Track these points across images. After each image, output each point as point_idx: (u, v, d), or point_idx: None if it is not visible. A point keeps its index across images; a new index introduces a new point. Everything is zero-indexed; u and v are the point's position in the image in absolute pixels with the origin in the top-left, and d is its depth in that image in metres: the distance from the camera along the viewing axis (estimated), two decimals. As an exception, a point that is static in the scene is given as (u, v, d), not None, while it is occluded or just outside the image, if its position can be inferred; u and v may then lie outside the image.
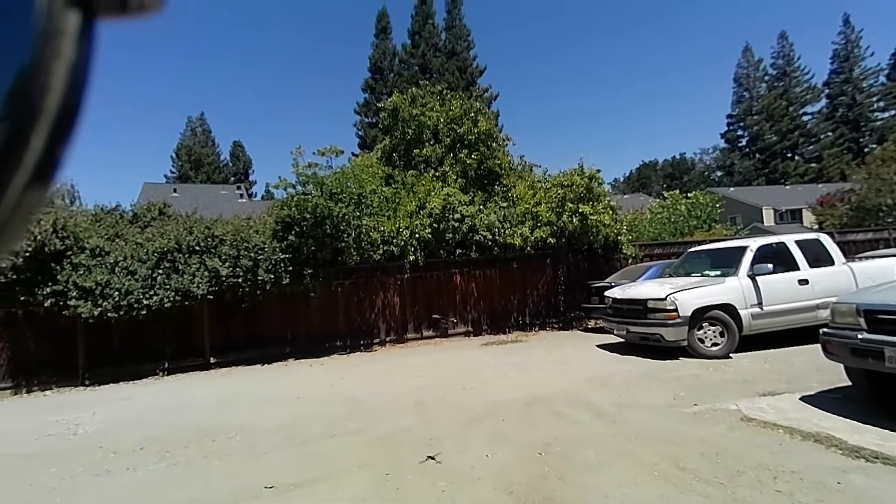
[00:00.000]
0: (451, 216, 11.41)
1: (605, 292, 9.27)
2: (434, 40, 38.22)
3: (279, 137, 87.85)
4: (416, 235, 11.27)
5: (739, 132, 61.41)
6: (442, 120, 13.20)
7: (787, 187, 47.29)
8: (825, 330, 4.91)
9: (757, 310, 7.43)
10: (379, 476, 3.78)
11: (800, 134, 55.57)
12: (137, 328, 9.20)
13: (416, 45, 38.21)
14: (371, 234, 10.69)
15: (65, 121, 0.34)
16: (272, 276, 9.70)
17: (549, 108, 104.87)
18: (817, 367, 5.80)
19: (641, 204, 28.51)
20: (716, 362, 6.96)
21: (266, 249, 9.74)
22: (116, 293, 8.73)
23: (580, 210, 11.50)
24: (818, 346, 5.04)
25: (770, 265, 7.48)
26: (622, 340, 8.65)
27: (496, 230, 11.77)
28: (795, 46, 57.85)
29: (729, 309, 7.35)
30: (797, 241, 8.01)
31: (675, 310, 7.24)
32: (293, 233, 9.95)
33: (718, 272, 8.04)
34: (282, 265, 9.82)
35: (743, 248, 7.95)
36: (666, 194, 21.86)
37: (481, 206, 12.10)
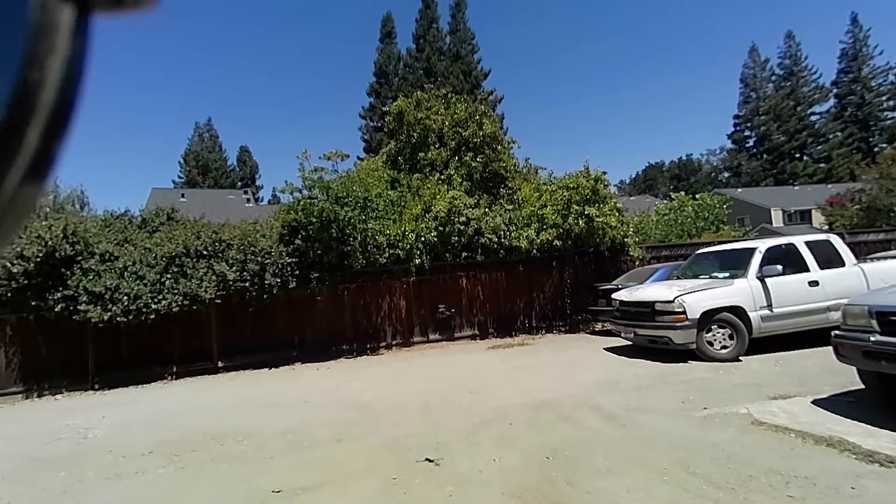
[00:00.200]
0: (456, 219, 11.41)
1: (613, 295, 9.22)
2: (439, 44, 38.36)
3: (285, 142, 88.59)
4: (422, 239, 11.28)
5: (747, 133, 60.94)
6: (447, 123, 13.23)
7: (796, 188, 46.81)
8: (837, 332, 4.85)
9: (766, 312, 7.34)
10: (386, 480, 3.78)
11: (808, 134, 55.04)
12: (146, 332, 9.27)
13: (421, 48, 38.36)
14: (377, 237, 10.72)
15: (60, 116, 0.34)
16: (279, 280, 9.74)
17: (554, 109, 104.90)
18: (829, 370, 5.73)
19: (648, 205, 28.35)
20: (725, 365, 6.89)
21: (273, 254, 9.79)
22: (125, 298, 8.81)
23: (586, 212, 11.45)
24: (830, 348, 4.98)
25: (779, 267, 7.40)
26: (630, 343, 8.58)
27: (502, 233, 11.75)
28: (802, 46, 57.46)
29: (738, 311, 7.27)
30: (807, 242, 7.92)
31: (684, 312, 7.18)
32: (299, 237, 9.99)
33: (727, 274, 7.97)
34: (288, 269, 9.87)
35: (752, 250, 7.88)
36: (673, 196, 21.70)
37: (487, 209, 12.10)
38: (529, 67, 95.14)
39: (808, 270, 7.61)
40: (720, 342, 7.27)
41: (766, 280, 7.41)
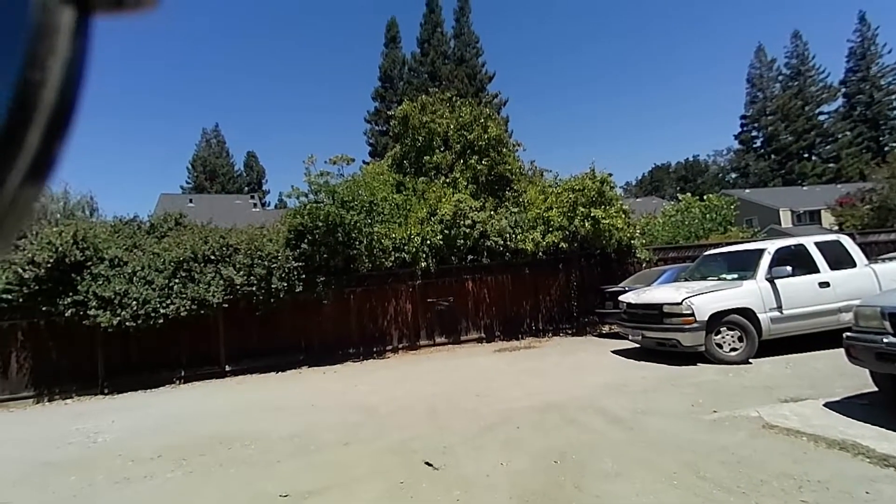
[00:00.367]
0: (462, 222, 11.41)
1: (620, 297, 9.17)
2: (443, 48, 38.47)
3: (291, 147, 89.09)
4: (428, 242, 11.29)
5: (754, 133, 60.45)
6: (452, 126, 13.26)
7: (805, 188, 46.32)
8: (849, 334, 4.78)
9: (776, 314, 7.26)
10: (393, 484, 3.77)
11: (816, 134, 54.49)
12: (155, 337, 9.34)
13: (426, 53, 38.50)
14: (382, 241, 10.74)
15: (61, 117, 0.34)
16: (285, 284, 9.78)
17: (559, 111, 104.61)
18: (841, 372, 5.64)
19: (654, 207, 28.18)
20: (735, 368, 6.81)
21: (279, 258, 9.84)
22: (134, 302, 8.88)
23: (592, 214, 11.41)
24: (841, 350, 4.92)
25: (789, 268, 7.32)
26: (638, 346, 8.52)
27: (507, 236, 11.73)
28: (810, 46, 56.94)
29: (747, 313, 7.20)
30: (817, 243, 7.83)
31: (692, 314, 7.11)
32: (306, 241, 10.04)
33: (735, 275, 7.90)
34: (295, 273, 9.91)
35: (760, 251, 7.80)
36: (680, 197, 21.57)
37: (492, 212, 12.09)
38: (534, 70, 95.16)
39: (818, 271, 7.52)
40: (729, 344, 7.19)
41: (776, 281, 7.33)
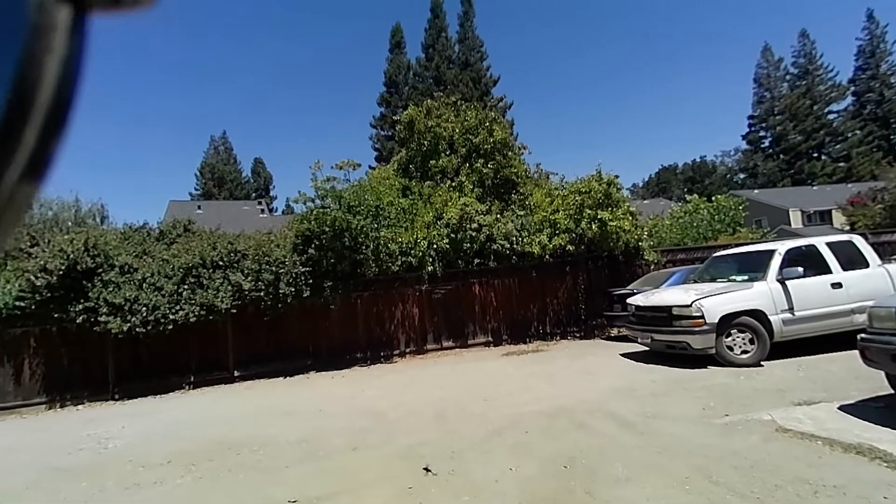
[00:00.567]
0: (468, 226, 11.41)
1: (628, 299, 9.09)
2: (448, 53, 38.64)
3: (298, 153, 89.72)
4: (434, 246, 11.29)
5: (762, 133, 59.91)
6: (457, 130, 13.29)
7: (815, 188, 45.78)
8: (863, 335, 4.70)
9: (788, 315, 7.16)
10: (402, 489, 3.75)
11: (826, 133, 53.87)
12: (164, 343, 9.42)
13: (430, 58, 38.67)
14: (389, 245, 10.76)
15: (57, 115, 0.34)
16: (293, 290, 9.82)
17: (565, 114, 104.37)
18: (856, 375, 5.55)
19: (662, 209, 27.99)
20: (746, 370, 6.73)
21: (287, 263, 9.89)
22: (144, 309, 8.97)
23: (599, 216, 11.35)
24: (855, 352, 4.84)
25: (800, 269, 7.23)
26: (647, 349, 8.44)
27: (514, 239, 11.71)
28: (817, 44, 56.44)
29: (758, 315, 7.11)
30: (828, 244, 7.72)
31: (702, 316, 7.04)
32: (313, 246, 10.08)
33: (746, 277, 7.81)
34: (302, 278, 9.95)
35: (771, 252, 7.71)
36: (687, 198, 21.39)
37: (498, 216, 12.07)
38: (539, 72, 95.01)
39: (830, 272, 7.41)
40: (740, 347, 7.10)
41: (787, 283, 7.24)
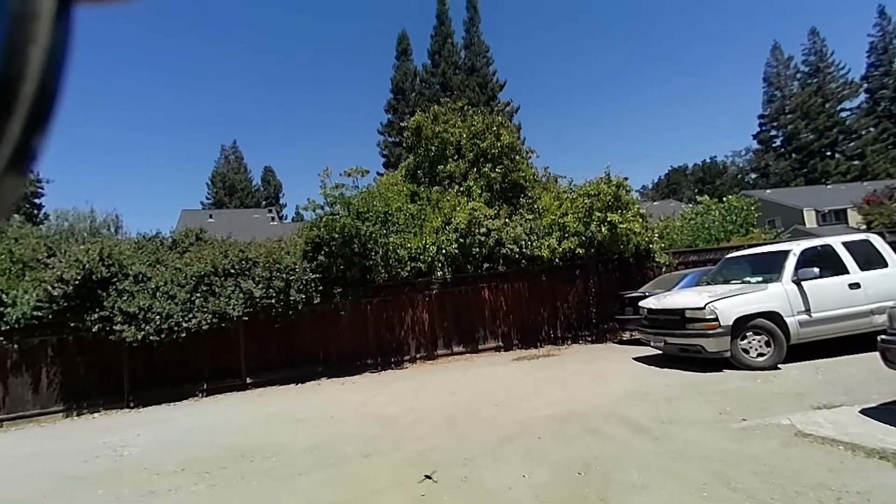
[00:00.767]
0: (476, 230, 11.40)
1: (640, 303, 8.99)
2: (454, 58, 38.81)
3: (307, 161, 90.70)
4: (443, 251, 11.29)
5: (773, 132, 59.21)
6: (464, 135, 13.32)
7: (829, 187, 45.05)
8: (884, 337, 4.59)
9: (805, 317, 7.03)
10: (414, 496, 3.73)
11: (839, 131, 53.07)
12: (177, 351, 9.52)
13: (437, 64, 38.89)
14: (398, 251, 10.78)
15: (42, 108, 0.33)
16: (303, 296, 9.88)
17: (573, 117, 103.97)
18: (876, 377, 5.41)
19: (672, 210, 27.72)
20: (763, 374, 6.60)
21: (297, 270, 9.95)
22: (158, 317, 9.08)
23: (608, 219, 11.27)
24: (876, 354, 4.73)
25: (816, 269, 7.09)
26: (660, 352, 8.33)
27: (523, 243, 11.66)
28: (828, 42, 55.74)
29: (774, 317, 6.98)
30: (844, 243, 7.57)
31: (716, 319, 6.93)
32: (322, 253, 10.14)
33: (760, 278, 7.68)
34: (312, 285, 10.01)
35: (785, 253, 7.58)
36: (698, 199, 21.16)
37: (507, 220, 12.05)
38: (545, 75, 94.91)
39: (847, 272, 7.26)
40: (756, 349, 6.97)
41: (803, 283, 7.10)
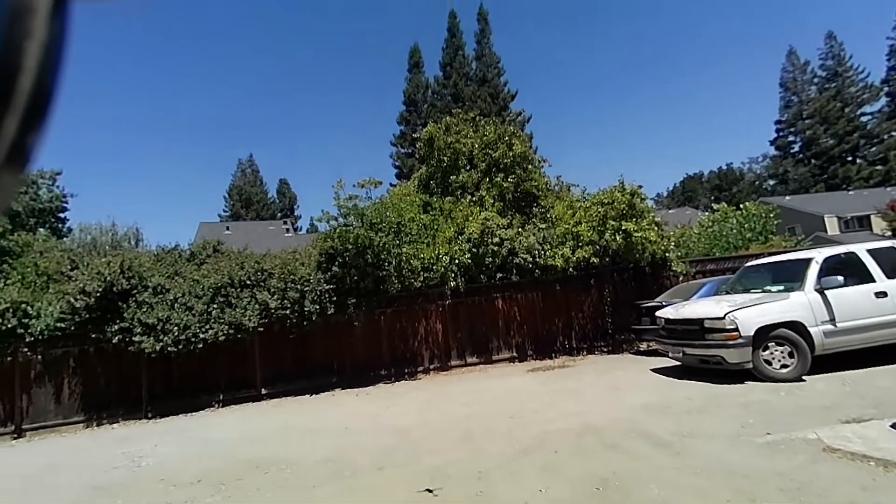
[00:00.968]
0: (489, 240, 11.37)
1: (657, 312, 8.83)
2: (465, 70, 39.17)
3: (321, 173, 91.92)
4: (456, 261, 11.28)
5: (791, 138, 58.17)
6: (476, 146, 13.37)
7: (851, 193, 43.93)
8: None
9: (829, 327, 6.81)
10: (429, 511, 3.68)
11: (860, 136, 51.87)
12: (195, 362, 9.64)
13: (448, 76, 39.28)
14: (411, 261, 10.81)
15: (39, 104, 0.33)
16: (318, 307, 9.95)
17: (586, 126, 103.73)
18: (908, 390, 5.21)
19: (689, 218, 27.33)
20: (787, 386, 6.40)
21: (311, 281, 10.04)
22: (175, 328, 9.22)
23: (623, 227, 11.15)
24: (907, 365, 4.54)
25: (840, 277, 6.89)
26: (678, 364, 8.15)
27: (536, 252, 11.59)
28: (845, 46, 54.80)
29: (797, 327, 6.78)
30: (869, 250, 7.35)
31: (736, 329, 6.76)
32: (336, 263, 10.22)
33: (781, 287, 7.49)
34: (326, 296, 10.08)
35: (807, 261, 7.39)
36: (715, 207, 20.81)
37: (520, 229, 12.01)
38: (557, 84, 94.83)
39: (873, 281, 7.04)
40: (779, 360, 6.77)
41: (827, 292, 6.90)
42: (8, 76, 0.31)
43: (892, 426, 4.42)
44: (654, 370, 8.53)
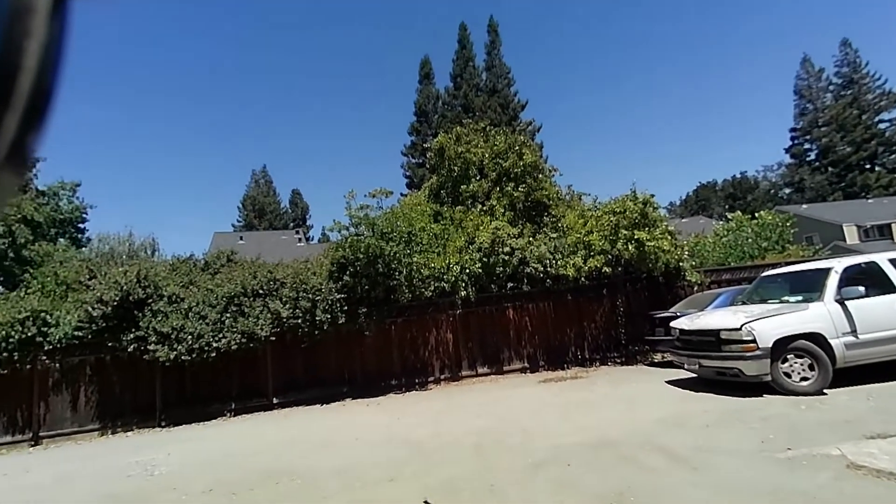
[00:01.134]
0: (500, 249, 11.34)
1: (671, 323, 8.69)
2: (475, 81, 39.49)
3: (333, 183, 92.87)
4: (467, 270, 11.26)
5: (807, 146, 57.31)
6: (487, 155, 13.40)
7: (871, 201, 42.99)
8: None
9: (851, 339, 6.63)
10: (440, 525, 3.63)
11: (878, 143, 50.90)
12: (207, 370, 9.72)
13: (459, 86, 39.62)
14: (422, 270, 10.83)
15: (38, 103, 0.33)
16: (329, 316, 9.99)
17: (596, 133, 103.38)
18: (936, 405, 5.03)
19: (702, 227, 26.99)
20: (807, 399, 6.22)
21: (323, 290, 10.10)
22: (189, 337, 9.32)
23: (636, 237, 11.03)
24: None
25: (861, 288, 6.71)
26: (694, 376, 7.99)
27: (547, 261, 11.52)
28: (861, 53, 54.10)
29: (817, 338, 6.61)
30: (891, 260, 7.16)
31: (754, 341, 6.61)
32: (348, 273, 10.28)
33: (800, 298, 7.32)
34: (338, 305, 10.12)
35: (826, 270, 7.22)
36: (729, 216, 20.51)
37: (531, 238, 11.96)
38: (568, 92, 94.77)
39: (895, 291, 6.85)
40: (799, 373, 6.60)
41: (847, 303, 6.72)
42: (8, 76, 0.31)
43: (921, 443, 4.26)
44: (669, 382, 8.36)
